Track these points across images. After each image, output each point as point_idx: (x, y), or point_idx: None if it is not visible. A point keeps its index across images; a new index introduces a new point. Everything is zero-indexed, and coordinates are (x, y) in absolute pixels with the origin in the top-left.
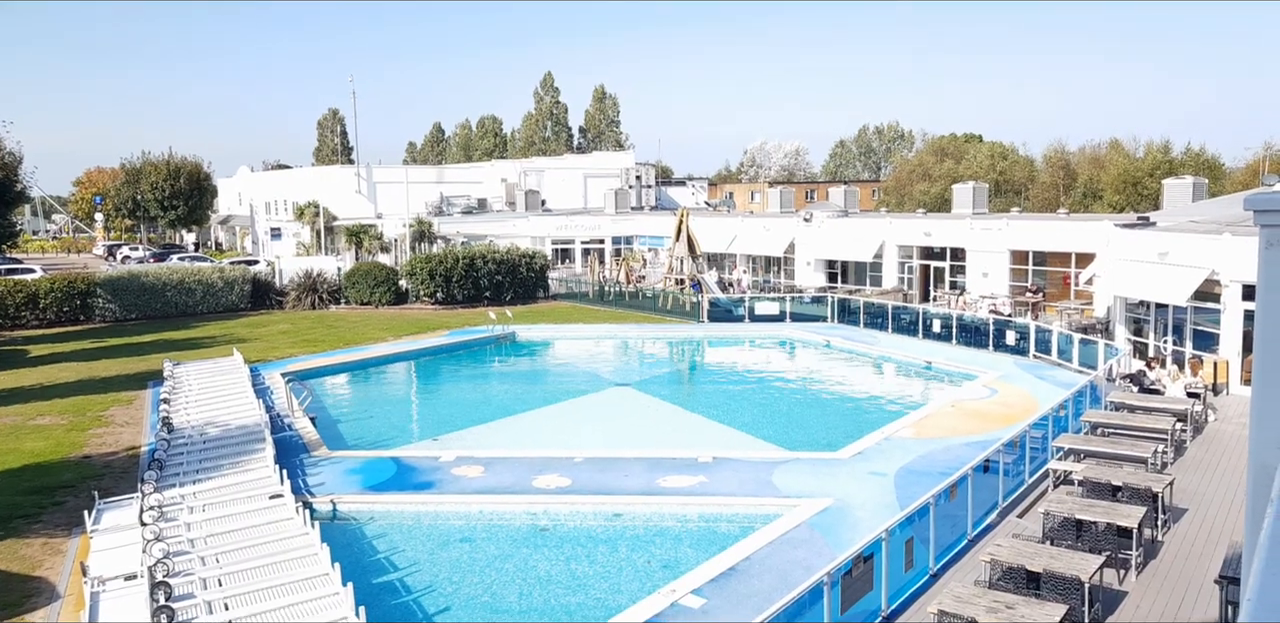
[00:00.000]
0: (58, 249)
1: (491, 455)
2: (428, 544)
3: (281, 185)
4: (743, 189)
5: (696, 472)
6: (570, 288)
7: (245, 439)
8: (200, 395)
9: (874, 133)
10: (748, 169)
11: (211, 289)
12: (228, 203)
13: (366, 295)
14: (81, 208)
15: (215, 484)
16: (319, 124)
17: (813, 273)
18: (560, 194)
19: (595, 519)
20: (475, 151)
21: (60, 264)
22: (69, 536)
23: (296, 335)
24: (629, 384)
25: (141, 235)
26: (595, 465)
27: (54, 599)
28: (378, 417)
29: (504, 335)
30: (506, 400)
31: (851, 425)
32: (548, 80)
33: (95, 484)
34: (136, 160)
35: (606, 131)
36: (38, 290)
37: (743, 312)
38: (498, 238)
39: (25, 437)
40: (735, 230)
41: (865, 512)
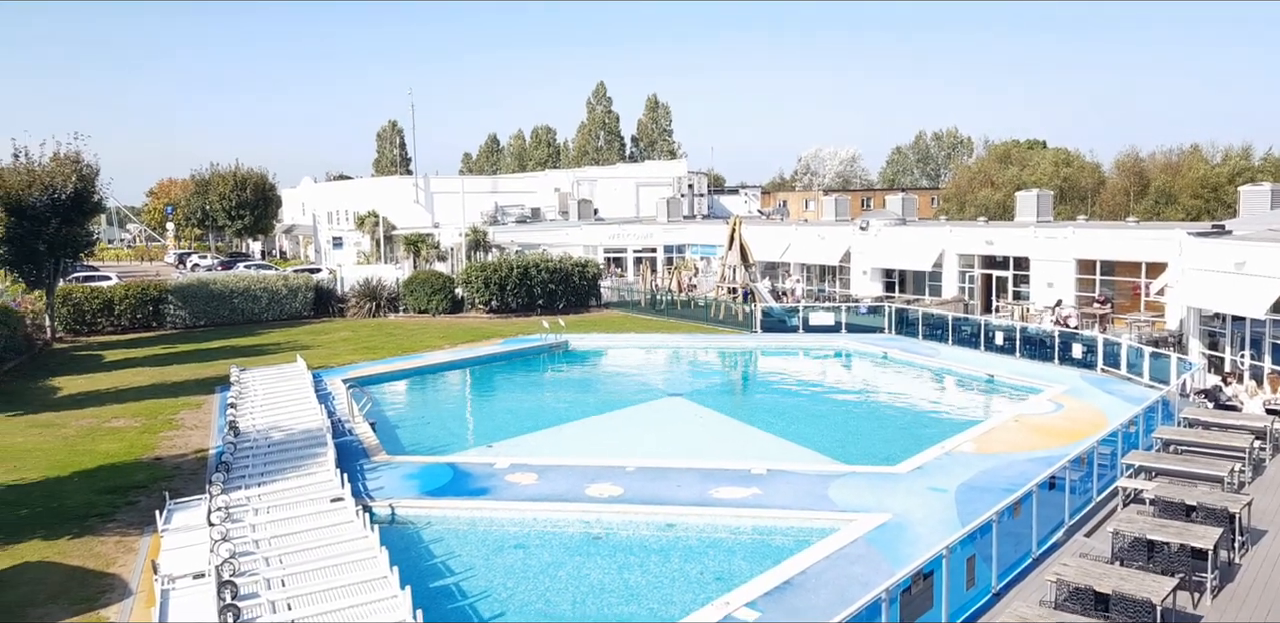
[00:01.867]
0: (131, 258)
1: (545, 463)
2: (483, 550)
3: (342, 196)
4: (797, 197)
5: (750, 484)
6: (622, 297)
7: (308, 443)
8: (265, 400)
9: (932, 139)
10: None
11: (276, 297)
12: (291, 213)
13: (424, 303)
14: (154, 218)
15: (279, 487)
16: (378, 136)
17: (869, 283)
18: (613, 203)
19: (648, 529)
20: (529, 162)
21: (134, 272)
22: (141, 534)
23: (357, 342)
24: (681, 394)
25: (210, 244)
26: (647, 475)
27: (127, 596)
28: (434, 422)
29: (557, 344)
30: (559, 408)
31: (910, 439)
32: (600, 90)
33: (166, 485)
34: (205, 172)
35: (659, 141)
36: (113, 297)
37: (796, 322)
38: (551, 247)
39: (101, 438)
40: (789, 239)
41: (925, 528)
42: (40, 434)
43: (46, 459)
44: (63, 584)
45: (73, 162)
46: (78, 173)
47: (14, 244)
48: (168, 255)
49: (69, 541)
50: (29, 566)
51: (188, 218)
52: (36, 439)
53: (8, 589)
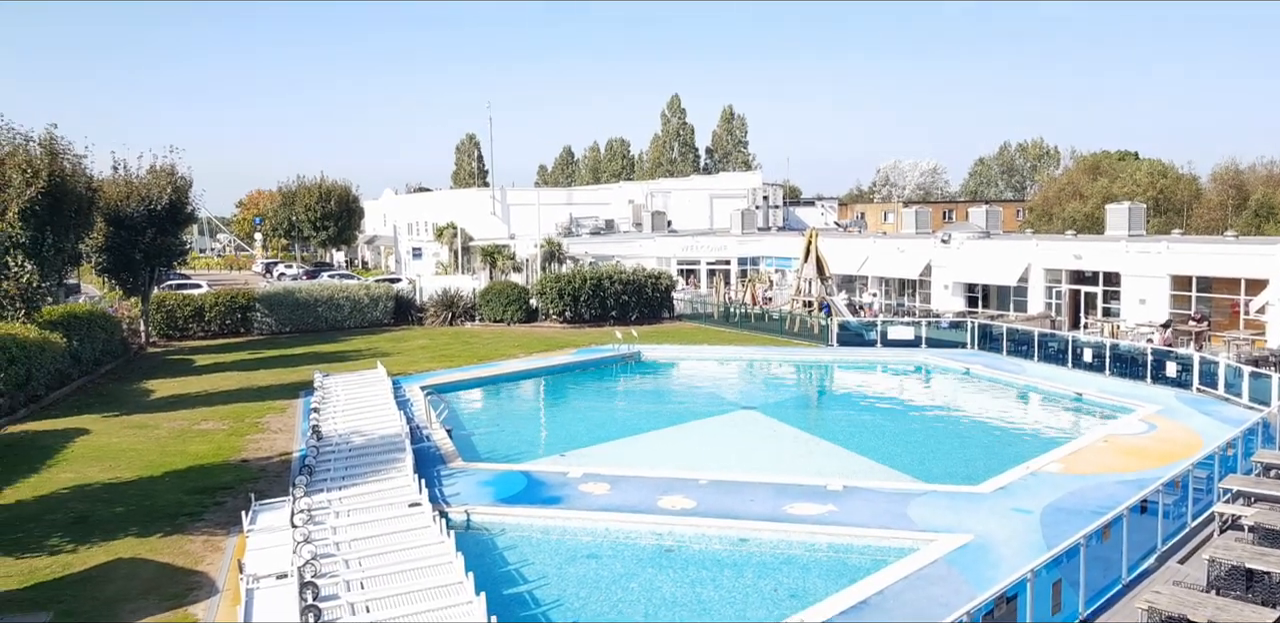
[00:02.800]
0: (221, 266)
1: (617, 473)
2: (556, 559)
3: (422, 207)
4: (875, 209)
5: (826, 500)
6: (695, 309)
7: (387, 448)
8: (347, 406)
9: (1017, 150)
10: (880, 188)
11: (358, 305)
12: (373, 224)
13: (499, 313)
14: (242, 228)
15: (359, 490)
16: (457, 148)
17: (950, 297)
18: (686, 215)
19: (721, 543)
20: (603, 173)
21: (223, 280)
22: (228, 534)
23: (434, 350)
24: (755, 407)
25: (296, 254)
26: (720, 489)
27: (213, 593)
28: (509, 431)
29: (630, 355)
30: (631, 419)
31: (993, 458)
32: (674, 102)
33: (252, 487)
34: (292, 184)
35: (733, 152)
36: (203, 304)
37: (874, 336)
38: (624, 258)
39: (191, 440)
40: (867, 251)
41: (1008, 550)
42: (135, 435)
43: (140, 460)
44: (154, 581)
45: (168, 173)
46: (172, 184)
47: (112, 252)
48: (255, 264)
49: (160, 538)
50: (123, 562)
51: (275, 228)
52: (131, 440)
53: (104, 584)
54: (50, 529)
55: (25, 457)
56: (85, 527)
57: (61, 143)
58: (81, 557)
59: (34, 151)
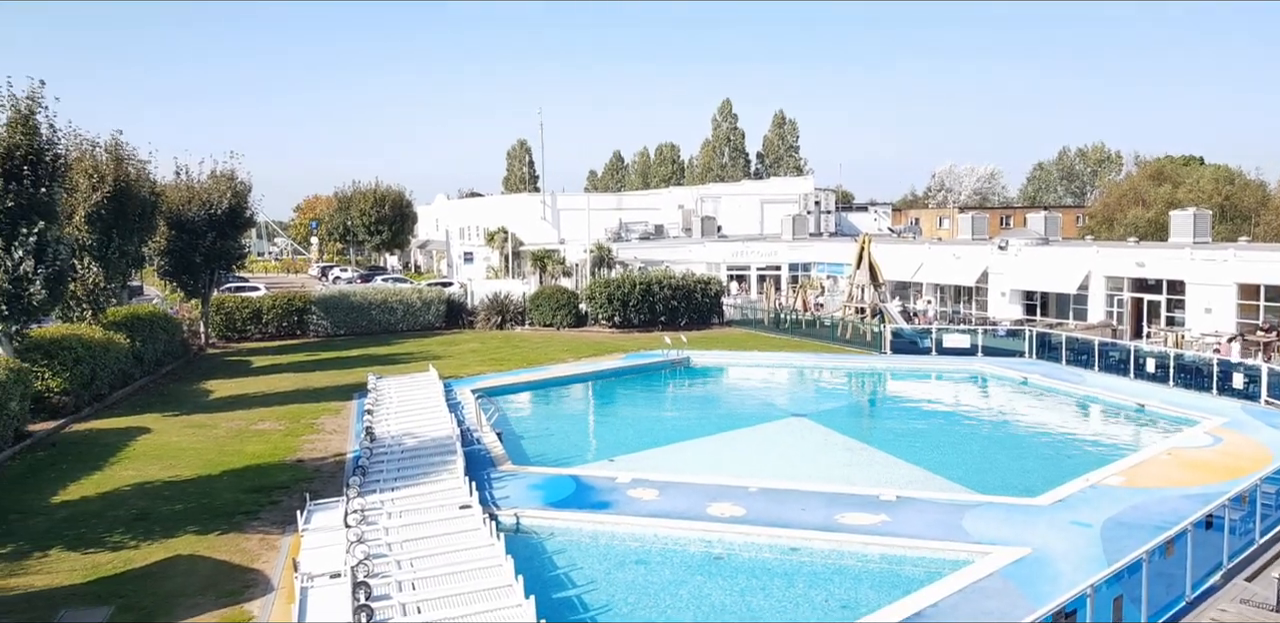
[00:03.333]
0: (278, 269)
1: (666, 479)
2: (604, 564)
3: (474, 212)
4: (930, 215)
5: (878, 510)
6: (745, 315)
7: (438, 451)
8: (399, 408)
9: (1076, 155)
10: (935, 194)
11: (410, 309)
12: (426, 228)
13: (549, 317)
14: (299, 232)
15: (411, 492)
16: (508, 154)
17: (1008, 304)
18: (736, 220)
19: (771, 552)
20: (653, 179)
21: (280, 283)
22: (283, 533)
23: (485, 354)
24: (806, 415)
25: (350, 258)
26: (770, 497)
27: (268, 591)
28: (558, 435)
29: (679, 360)
30: (680, 425)
31: (1052, 470)
32: (725, 107)
33: (306, 486)
34: (347, 189)
35: (785, 157)
36: (261, 307)
37: (929, 344)
38: (674, 263)
39: (248, 440)
40: (922, 258)
41: (1067, 564)
42: (194, 435)
43: (199, 458)
44: (211, 578)
45: (228, 179)
46: (232, 189)
47: (174, 256)
48: (311, 268)
49: (217, 536)
50: (181, 558)
51: (330, 232)
52: (190, 439)
53: (163, 580)
54: (112, 525)
55: (89, 454)
56: (146, 524)
57: (126, 148)
58: (142, 553)
59: (100, 157)
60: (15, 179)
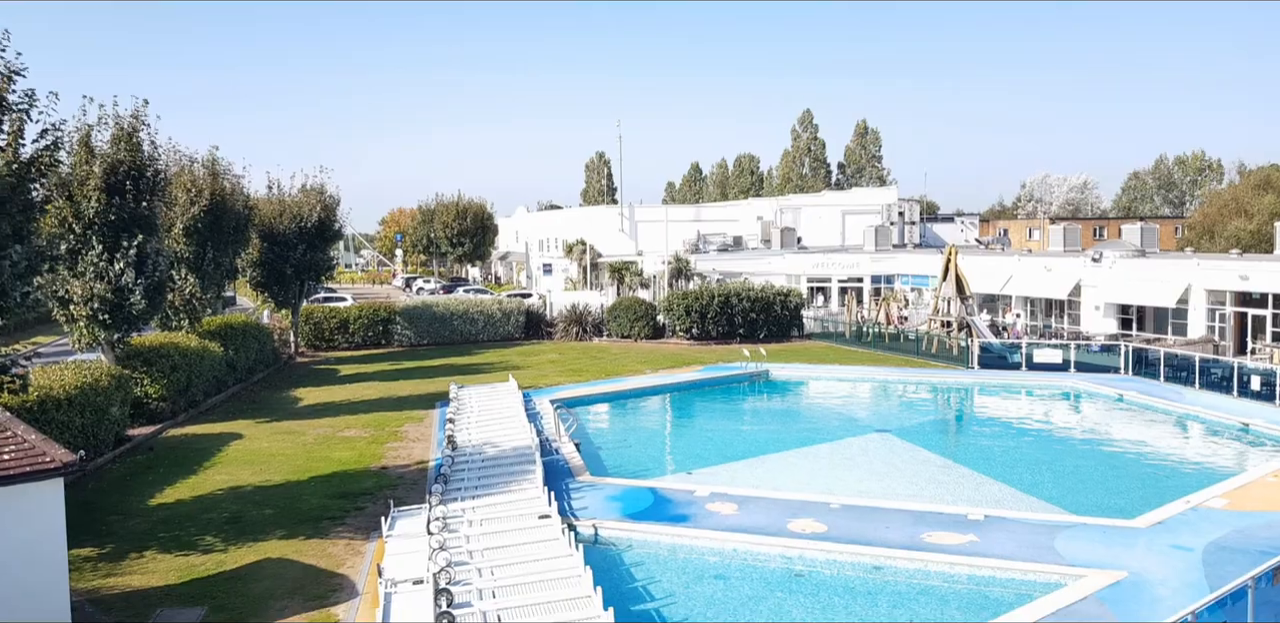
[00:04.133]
0: (364, 280)
1: (745, 494)
2: (682, 577)
3: (553, 224)
4: (1019, 226)
5: (966, 530)
6: (826, 327)
7: (518, 460)
8: (480, 417)
9: (1175, 163)
10: (1025, 204)
11: (491, 320)
12: (506, 240)
13: (626, 329)
14: (385, 244)
15: (491, 501)
16: (587, 167)
17: (1102, 319)
18: (817, 231)
19: (853, 570)
20: (731, 190)
21: (366, 294)
22: (367, 539)
23: (563, 365)
24: (889, 430)
25: (433, 269)
26: (853, 514)
27: (354, 596)
28: (635, 446)
29: (758, 373)
30: (759, 439)
31: (1149, 491)
32: (806, 117)
33: (390, 493)
34: (431, 202)
35: (867, 167)
36: (348, 317)
37: (1019, 359)
38: (752, 275)
39: (335, 447)
40: (1011, 270)
41: (1166, 589)
42: (284, 441)
43: (289, 464)
44: (299, 581)
45: (317, 193)
46: (322, 203)
47: (265, 267)
48: (396, 279)
49: (304, 540)
50: (270, 561)
51: (414, 244)
52: (280, 445)
53: (253, 582)
54: (205, 528)
55: (185, 459)
56: (237, 527)
57: (222, 164)
58: (233, 555)
59: (198, 172)
60: (118, 194)
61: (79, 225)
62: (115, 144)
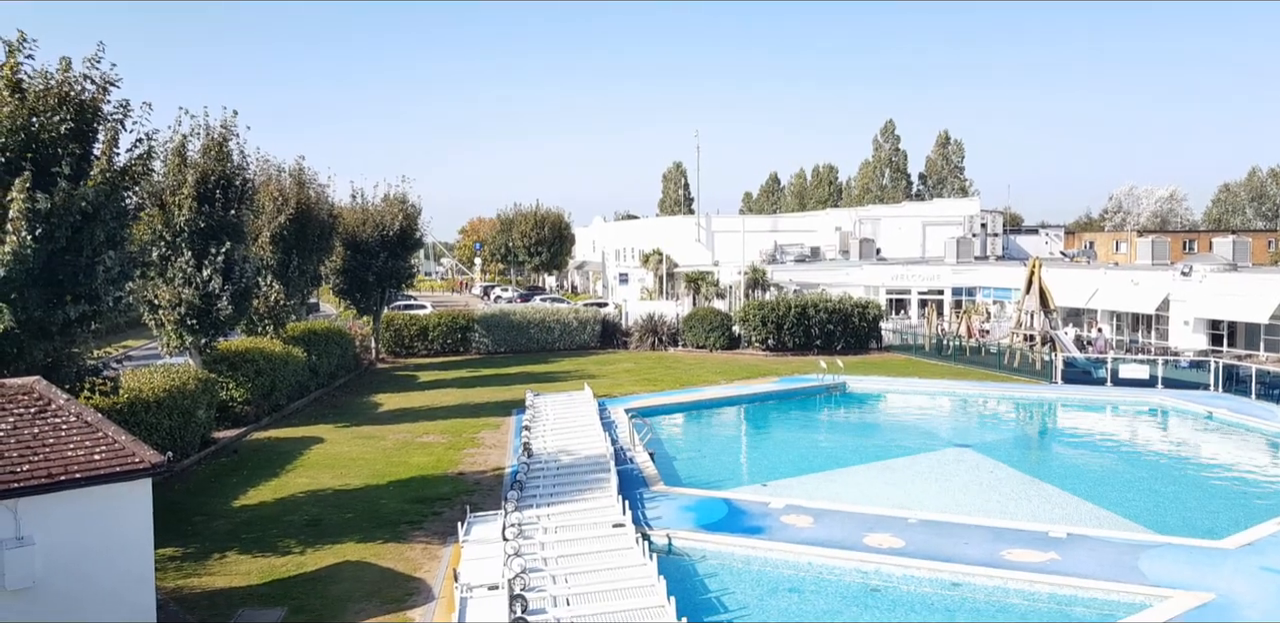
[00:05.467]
0: (443, 289)
1: (821, 507)
2: (756, 590)
3: (629, 234)
4: (1105, 238)
5: (1047, 547)
6: (905, 340)
7: (592, 468)
8: (555, 425)
9: (1268, 175)
10: (1112, 216)
11: (567, 328)
12: (583, 250)
13: (702, 339)
14: (464, 253)
15: (566, 508)
16: (664, 177)
17: (1191, 334)
18: (896, 243)
19: (931, 586)
20: (809, 200)
21: (445, 302)
22: (444, 544)
23: (638, 374)
24: (969, 445)
25: (511, 278)
26: (931, 529)
27: (430, 600)
28: (709, 457)
29: (834, 385)
30: (836, 452)
31: (1240, 511)
32: (888, 127)
33: (466, 499)
34: (509, 211)
35: (949, 178)
36: (427, 324)
37: (1104, 374)
38: (830, 286)
39: (413, 452)
40: (1096, 283)
41: (1255, 612)
42: (363, 445)
43: (368, 468)
44: (377, 584)
45: (399, 202)
46: (403, 212)
47: (348, 275)
48: (474, 287)
49: (382, 544)
50: (349, 564)
51: (493, 253)
52: (360, 449)
53: (332, 584)
54: (286, 530)
55: (268, 461)
56: (317, 530)
57: (308, 173)
58: (313, 557)
59: (285, 182)
60: (208, 202)
61: (169, 233)
62: (206, 154)
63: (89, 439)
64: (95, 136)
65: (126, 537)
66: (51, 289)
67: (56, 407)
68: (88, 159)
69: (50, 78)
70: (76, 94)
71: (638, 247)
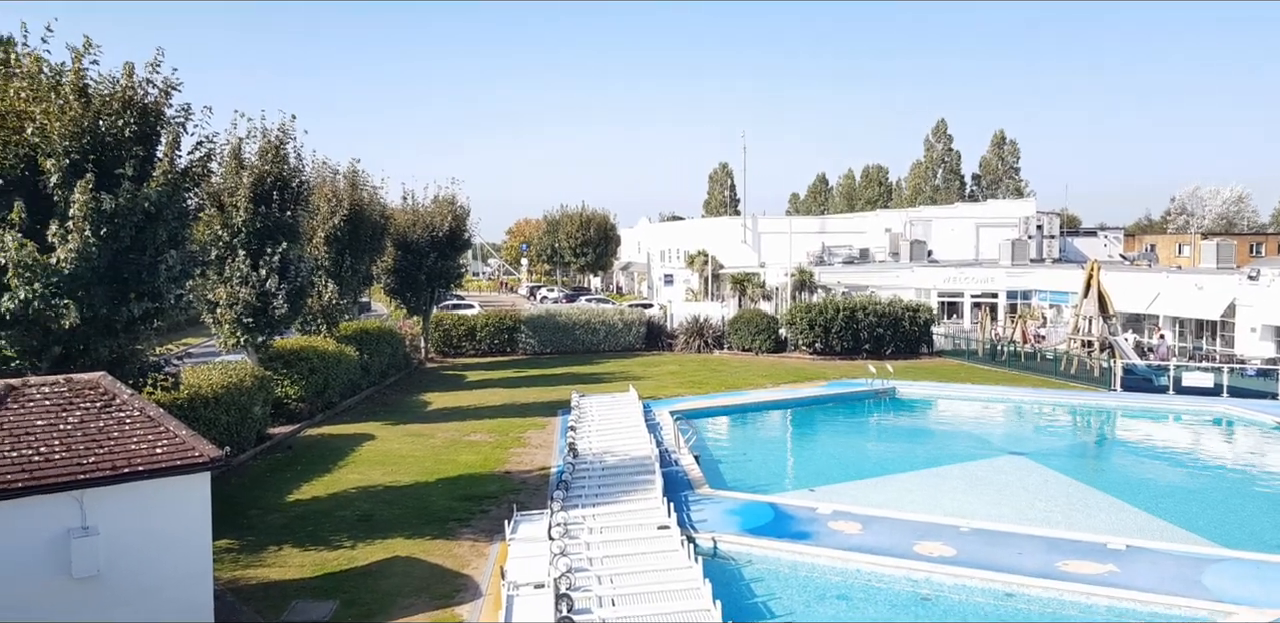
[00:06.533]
0: (490, 289)
1: (870, 513)
2: (803, 596)
3: (674, 236)
4: (1168, 241)
5: (1105, 559)
6: (957, 344)
7: (637, 470)
8: (601, 425)
9: None
10: (1175, 218)
11: (612, 329)
12: (628, 251)
13: (747, 342)
14: (510, 254)
15: (611, 509)
16: (710, 178)
17: (1259, 341)
18: (949, 245)
19: (983, 596)
20: (858, 202)
21: (492, 302)
22: (490, 541)
23: (683, 376)
24: (1024, 453)
25: (557, 279)
26: (984, 538)
27: (477, 597)
28: (755, 460)
29: (883, 390)
30: (885, 458)
31: None
32: (940, 127)
33: (513, 497)
34: (555, 213)
35: (1004, 179)
36: (475, 324)
37: (1165, 381)
38: (879, 289)
39: (461, 450)
40: (1158, 288)
41: None
42: (413, 442)
43: (417, 465)
44: (425, 580)
45: (449, 203)
46: (453, 214)
47: (399, 275)
48: (521, 288)
49: (431, 540)
50: (399, 559)
51: (539, 254)
52: (410, 447)
53: (382, 579)
54: (338, 525)
55: (320, 457)
56: (368, 525)
57: (362, 176)
58: (363, 552)
59: (339, 184)
60: (265, 203)
61: (228, 233)
62: (263, 156)
63: (151, 433)
64: (158, 139)
65: (186, 528)
66: (116, 287)
67: (121, 401)
68: (150, 161)
69: (116, 83)
70: (140, 98)
71: (683, 248)
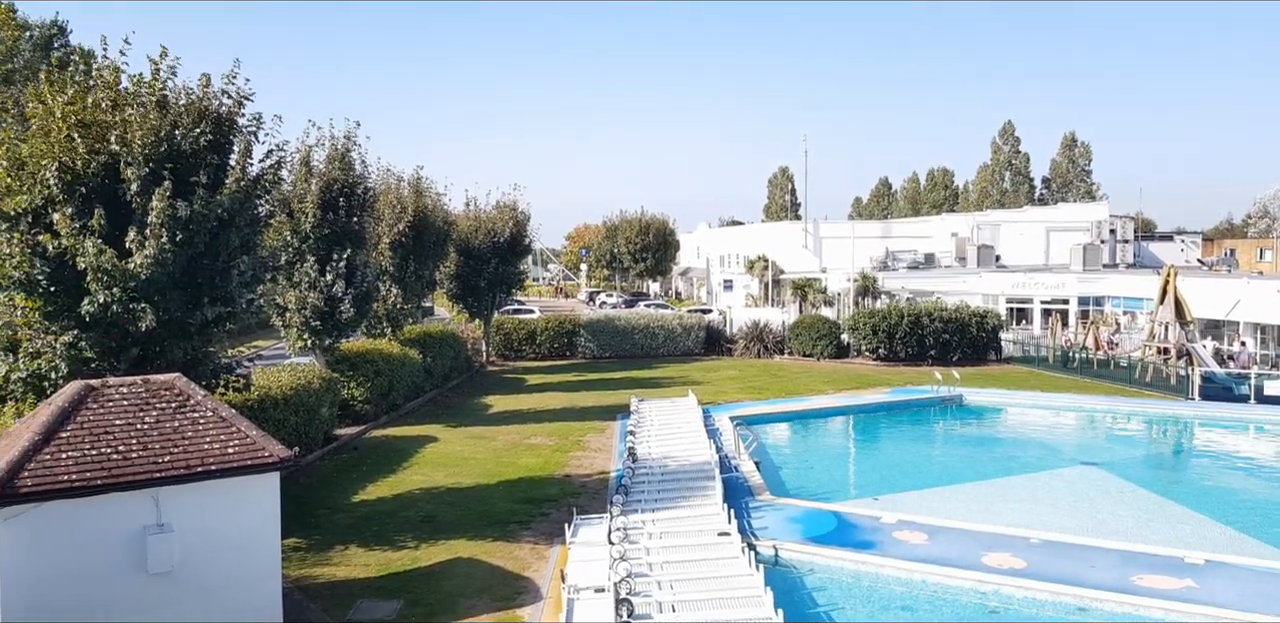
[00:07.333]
0: (550, 294)
1: (936, 524)
2: (866, 606)
3: (734, 240)
4: (1248, 245)
5: (1183, 574)
6: (1026, 351)
7: (697, 476)
8: (660, 430)
9: None
10: (1257, 221)
11: (671, 334)
12: (687, 256)
13: (808, 347)
14: (570, 258)
15: (670, 514)
16: (770, 182)
17: None
18: (1017, 249)
19: (1054, 610)
20: (923, 205)
21: (552, 307)
22: (551, 544)
23: (743, 382)
24: (1097, 464)
25: (616, 284)
26: (1054, 550)
27: (538, 599)
28: (817, 468)
29: (950, 398)
30: (952, 467)
31: None
32: (1007, 129)
33: (573, 501)
34: (615, 218)
35: (1075, 182)
36: (535, 329)
37: (1246, 390)
38: (945, 294)
39: (522, 453)
40: (1238, 294)
41: None
42: (474, 445)
43: (479, 468)
44: (487, 581)
45: (510, 209)
46: (514, 219)
47: (461, 280)
48: (580, 293)
49: (492, 542)
50: (461, 561)
51: (598, 259)
52: (471, 449)
53: (444, 580)
54: (402, 525)
55: (386, 459)
56: (431, 526)
57: (425, 182)
58: (426, 553)
59: (403, 190)
60: (331, 210)
61: (297, 239)
62: (330, 163)
63: (223, 433)
64: (231, 148)
65: (256, 527)
66: (191, 291)
67: (195, 402)
68: (224, 169)
69: (192, 94)
70: (214, 108)
71: (742, 253)
